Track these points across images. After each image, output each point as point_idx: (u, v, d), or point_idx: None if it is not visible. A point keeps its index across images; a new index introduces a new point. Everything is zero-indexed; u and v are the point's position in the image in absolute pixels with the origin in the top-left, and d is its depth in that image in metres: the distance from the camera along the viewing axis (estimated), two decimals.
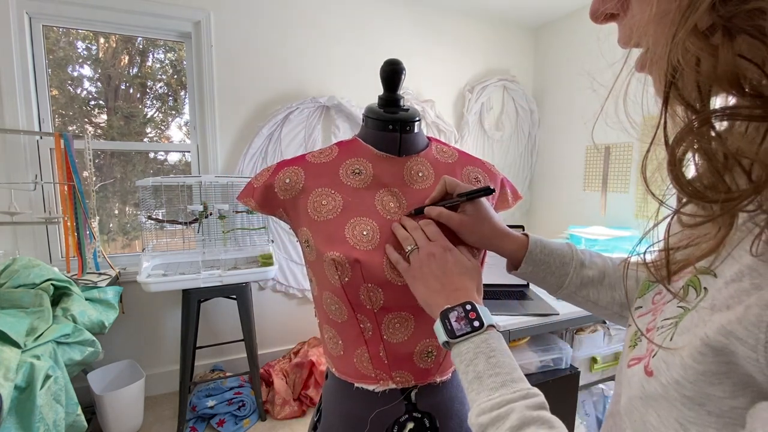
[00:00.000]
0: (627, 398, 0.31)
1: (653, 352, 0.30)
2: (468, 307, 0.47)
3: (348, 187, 0.61)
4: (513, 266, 0.59)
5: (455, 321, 0.46)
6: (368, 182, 0.62)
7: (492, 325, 0.46)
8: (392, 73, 0.62)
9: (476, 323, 0.46)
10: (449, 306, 0.48)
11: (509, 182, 0.72)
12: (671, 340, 0.28)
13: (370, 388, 0.60)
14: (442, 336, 0.47)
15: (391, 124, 0.63)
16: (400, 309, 0.58)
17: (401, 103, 0.65)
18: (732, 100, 0.25)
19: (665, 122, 0.27)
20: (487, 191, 0.56)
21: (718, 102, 0.25)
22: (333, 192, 0.60)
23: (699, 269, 0.29)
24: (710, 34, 0.24)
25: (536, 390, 0.41)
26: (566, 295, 0.58)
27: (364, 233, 0.57)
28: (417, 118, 0.64)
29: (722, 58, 0.23)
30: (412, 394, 0.61)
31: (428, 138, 0.69)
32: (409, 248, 0.55)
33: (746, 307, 0.23)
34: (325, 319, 0.62)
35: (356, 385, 0.61)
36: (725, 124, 0.27)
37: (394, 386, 0.60)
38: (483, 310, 0.47)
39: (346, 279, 0.55)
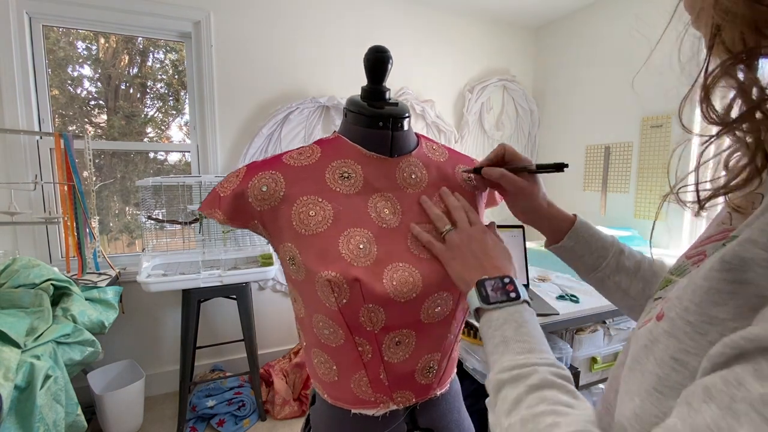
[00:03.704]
0: (631, 356, 0.31)
1: (668, 301, 0.30)
2: (506, 280, 0.47)
3: (337, 194, 0.54)
4: (553, 241, 0.59)
5: (491, 290, 0.46)
6: (359, 187, 0.55)
7: (527, 302, 0.46)
8: (377, 62, 0.55)
9: (513, 294, 0.45)
10: (487, 276, 0.47)
11: None
12: (689, 280, 0.30)
13: (370, 413, 0.55)
14: (474, 302, 0.46)
15: (381, 121, 0.56)
16: (402, 327, 0.53)
17: (387, 96, 0.58)
18: None
19: (707, 66, 0.30)
20: (560, 167, 0.54)
21: None
22: (321, 200, 0.53)
23: (729, 238, 0.31)
24: None
25: (563, 365, 0.39)
26: (598, 279, 0.57)
27: (361, 246, 0.51)
28: (407, 114, 0.59)
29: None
30: (413, 412, 0.58)
31: (416, 135, 0.64)
32: (447, 228, 0.53)
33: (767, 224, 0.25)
34: (316, 343, 0.56)
35: (354, 411, 0.56)
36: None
37: (395, 407, 0.56)
38: (521, 287, 0.47)
39: (344, 301, 0.49)
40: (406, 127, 0.59)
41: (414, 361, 0.56)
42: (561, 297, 1.52)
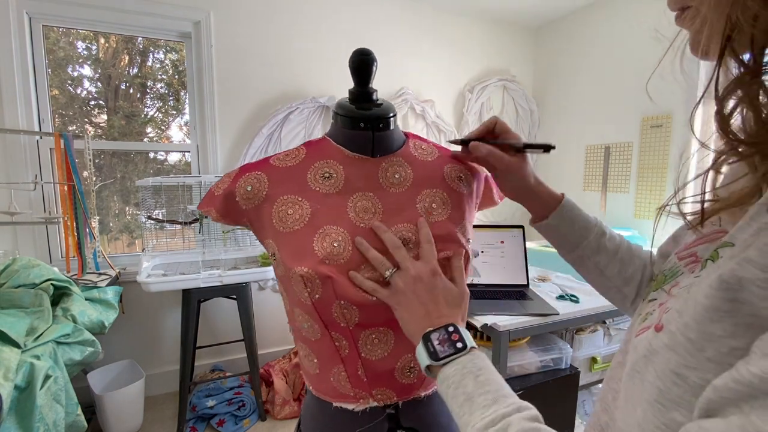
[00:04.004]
0: (630, 365, 0.32)
1: (667, 310, 0.31)
2: (450, 329, 0.46)
3: (317, 194, 0.55)
4: (539, 218, 0.60)
5: (438, 344, 0.45)
6: (339, 187, 0.56)
7: (474, 347, 0.46)
8: (362, 64, 0.56)
9: (459, 344, 0.45)
10: (432, 328, 0.47)
11: (493, 181, 0.68)
12: (689, 293, 0.30)
13: (350, 407, 0.57)
14: (424, 360, 0.45)
15: (362, 122, 0.57)
16: (378, 324, 0.54)
17: (374, 98, 0.60)
18: None
19: (717, 76, 0.29)
20: (548, 148, 0.54)
21: None
22: (300, 200, 0.55)
23: (721, 243, 0.31)
24: None
25: (528, 404, 0.40)
26: (578, 257, 0.59)
27: (335, 244, 0.52)
28: (391, 114, 0.59)
29: None
30: (396, 411, 0.58)
31: (405, 133, 0.64)
32: (389, 272, 0.51)
33: (765, 243, 0.25)
34: (299, 337, 0.58)
35: (335, 404, 0.57)
36: None
37: (375, 404, 0.57)
38: (465, 333, 0.46)
39: (317, 296, 0.51)
40: (391, 127, 0.60)
41: (393, 359, 0.56)
42: (561, 297, 1.52)
